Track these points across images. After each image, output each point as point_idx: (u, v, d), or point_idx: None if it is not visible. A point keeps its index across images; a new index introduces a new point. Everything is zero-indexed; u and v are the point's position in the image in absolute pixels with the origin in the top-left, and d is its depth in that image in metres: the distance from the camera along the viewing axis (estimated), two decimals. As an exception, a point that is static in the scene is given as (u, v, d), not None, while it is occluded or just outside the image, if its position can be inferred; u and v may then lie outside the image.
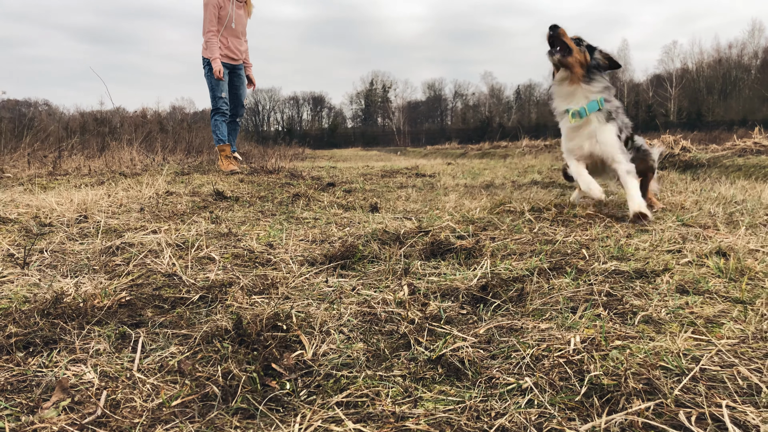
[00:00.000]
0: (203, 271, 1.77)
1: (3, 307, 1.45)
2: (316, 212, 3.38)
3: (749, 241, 2.31)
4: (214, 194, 3.80)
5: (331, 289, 1.64)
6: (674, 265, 1.76)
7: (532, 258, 1.94)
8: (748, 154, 13.18)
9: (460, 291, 1.55)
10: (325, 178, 6.51)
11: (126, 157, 9.76)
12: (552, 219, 2.78)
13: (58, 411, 0.92)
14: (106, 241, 2.31)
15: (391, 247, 2.21)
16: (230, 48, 6.08)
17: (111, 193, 3.84)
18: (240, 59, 6.22)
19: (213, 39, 5.93)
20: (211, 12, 5.87)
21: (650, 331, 1.22)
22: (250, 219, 3.05)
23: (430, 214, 3.30)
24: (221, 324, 1.22)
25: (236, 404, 0.93)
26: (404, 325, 1.27)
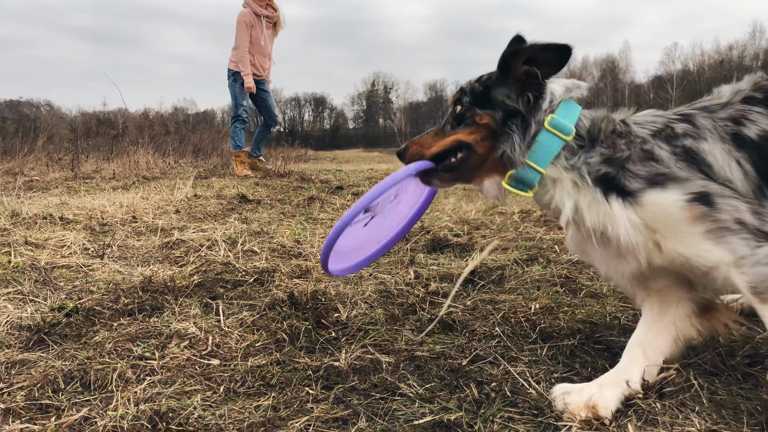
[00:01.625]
0: (251, 261, 2.22)
1: (104, 286, 1.91)
2: (331, 213, 3.83)
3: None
4: (238, 197, 4.26)
5: (353, 275, 2.09)
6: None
7: (514, 252, 2.40)
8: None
9: (455, 275, 2.00)
10: (333, 181, 6.97)
11: (142, 161, 10.22)
12: (536, 220, 3.23)
13: (180, 348, 1.37)
14: (162, 237, 2.76)
15: (399, 243, 2.66)
16: (256, 65, 6.51)
17: (147, 197, 4.30)
18: (263, 76, 6.68)
19: (246, 55, 6.31)
20: (244, 29, 6.26)
21: (592, 302, 1.67)
22: (275, 219, 3.51)
23: (432, 215, 3.75)
24: (278, 296, 1.68)
25: (300, 344, 1.38)
26: (412, 297, 1.72)
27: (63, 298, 1.77)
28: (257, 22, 6.38)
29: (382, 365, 1.25)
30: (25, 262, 2.16)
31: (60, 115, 33.31)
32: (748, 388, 1.11)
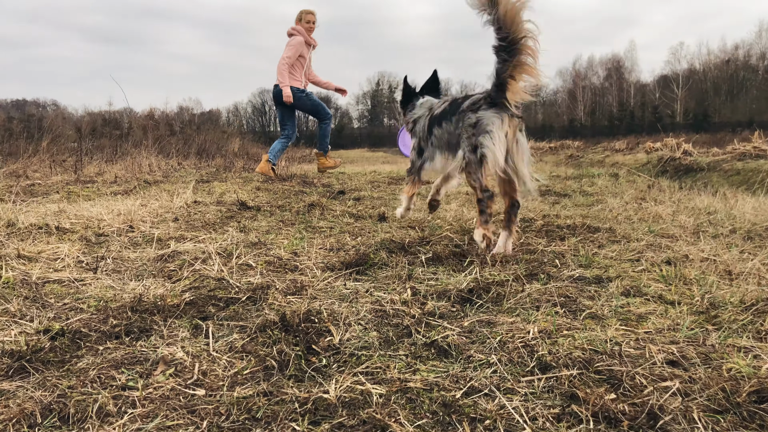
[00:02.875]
0: (245, 276, 2.18)
1: (95, 304, 1.87)
2: (330, 221, 3.79)
3: (703, 250, 2.70)
4: (238, 204, 4.22)
5: (348, 291, 2.05)
6: (628, 273, 2.16)
7: (514, 265, 2.35)
8: (747, 158, 13.51)
9: (452, 293, 1.95)
10: (335, 185, 6.93)
11: (145, 163, 10.20)
12: (538, 230, 3.18)
13: (165, 376, 1.33)
14: (158, 249, 2.72)
15: (398, 256, 2.62)
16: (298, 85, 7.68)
17: (146, 204, 4.26)
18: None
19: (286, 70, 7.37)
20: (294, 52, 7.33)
21: (593, 324, 1.62)
22: (274, 228, 3.47)
23: (432, 224, 3.70)
24: (270, 317, 1.63)
25: (290, 372, 1.34)
26: (407, 319, 1.68)
27: (51, 318, 1.73)
28: (305, 51, 7.53)
29: (372, 398, 1.20)
30: (17, 277, 2.13)
31: (64, 116, 33.35)
32: (755, 428, 1.06)
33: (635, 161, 17.49)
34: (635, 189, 5.89)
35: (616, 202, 4.77)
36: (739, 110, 55.94)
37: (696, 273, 2.08)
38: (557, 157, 22.30)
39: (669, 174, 14.56)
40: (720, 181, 12.61)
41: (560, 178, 7.48)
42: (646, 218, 3.70)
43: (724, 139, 24.78)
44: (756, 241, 3.03)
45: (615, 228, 3.22)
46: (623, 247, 2.68)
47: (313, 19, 7.53)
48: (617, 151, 20.26)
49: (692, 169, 13.53)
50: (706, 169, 13.15)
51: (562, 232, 3.08)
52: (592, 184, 6.59)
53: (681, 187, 6.10)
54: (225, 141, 23.08)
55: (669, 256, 2.49)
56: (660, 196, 5.20)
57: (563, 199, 5.25)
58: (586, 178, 7.33)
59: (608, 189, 6.08)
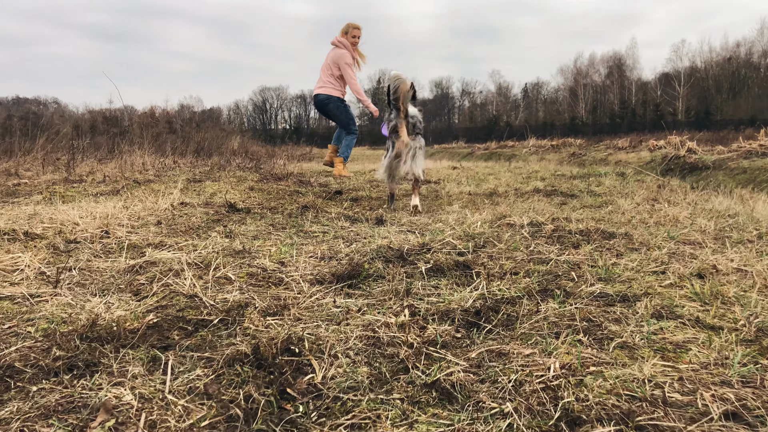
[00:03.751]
0: (222, 292, 1.93)
1: (44, 327, 1.61)
2: (324, 225, 3.54)
3: (733, 259, 2.44)
4: (226, 206, 3.96)
5: (338, 310, 1.79)
6: (655, 289, 1.90)
7: (525, 278, 2.09)
8: (753, 156, 13.23)
9: (456, 313, 1.70)
10: (332, 184, 6.67)
11: (138, 162, 9.95)
12: (548, 235, 2.92)
13: (104, 430, 1.07)
14: (130, 258, 2.47)
15: (395, 266, 2.36)
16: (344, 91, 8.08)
17: (128, 206, 4.01)
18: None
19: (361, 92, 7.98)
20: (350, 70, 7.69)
21: (624, 356, 1.36)
22: (262, 233, 3.21)
23: (434, 227, 3.45)
24: (241, 348, 1.38)
25: (257, 425, 1.09)
26: (404, 349, 1.42)
27: (-13, 346, 1.47)
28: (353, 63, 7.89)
29: (357, 465, 0.95)
30: (-37, 294, 1.87)
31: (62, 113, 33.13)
32: None
33: (639, 159, 17.25)
34: (645, 189, 5.63)
35: (627, 203, 4.52)
36: (741, 108, 55.64)
37: (734, 289, 1.82)
38: (559, 155, 22.05)
39: (674, 172, 14.29)
40: (726, 180, 12.35)
41: (565, 177, 7.22)
42: (663, 222, 3.44)
43: (728, 136, 24.52)
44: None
45: (631, 233, 2.97)
46: (644, 257, 2.42)
47: (359, 34, 7.84)
48: (620, 149, 20.00)
49: (697, 167, 13.27)
50: (711, 167, 12.88)
51: (575, 239, 2.83)
52: (599, 184, 6.33)
53: (693, 187, 5.85)
54: (224, 139, 22.81)
55: (697, 267, 2.23)
56: (673, 197, 4.95)
57: (571, 200, 4.99)
58: (592, 177, 7.07)
59: (616, 189, 5.83)
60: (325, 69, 7.82)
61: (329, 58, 7.76)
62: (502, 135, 35.17)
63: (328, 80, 7.78)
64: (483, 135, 47.31)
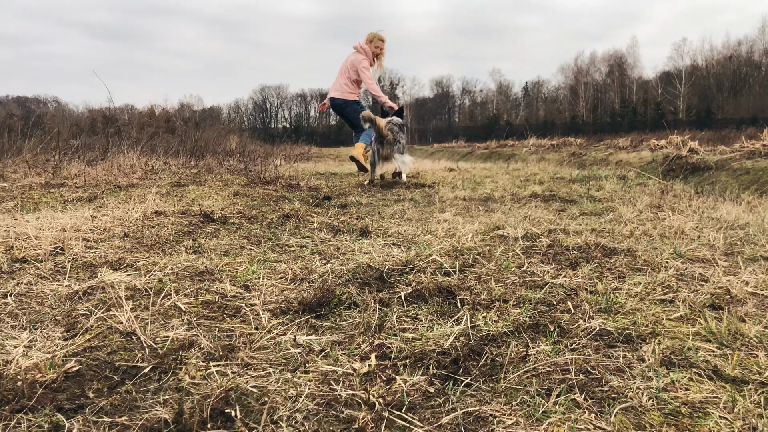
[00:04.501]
0: (165, 328, 1.68)
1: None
2: (304, 237, 3.29)
3: (748, 282, 2.20)
4: (201, 216, 3.71)
5: (297, 351, 1.55)
6: (663, 324, 1.66)
7: (515, 309, 1.84)
8: (756, 156, 12.98)
9: (432, 359, 1.45)
10: (323, 188, 6.43)
11: (126, 164, 9.71)
12: (543, 252, 2.67)
13: None
14: (79, 281, 2.22)
15: (372, 290, 2.12)
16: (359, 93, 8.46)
17: (97, 215, 3.76)
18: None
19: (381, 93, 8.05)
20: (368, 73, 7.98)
21: (629, 424, 1.12)
22: (234, 247, 2.97)
23: (422, 240, 3.21)
24: (161, 415, 1.13)
25: None
26: (363, 412, 1.17)
27: None
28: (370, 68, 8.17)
29: None
30: None
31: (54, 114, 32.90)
32: None
33: (640, 159, 17.01)
34: (648, 194, 5.38)
35: (629, 210, 4.27)
36: (742, 106, 55.42)
37: (755, 328, 1.57)
38: (560, 154, 21.83)
39: (676, 173, 14.05)
40: (730, 181, 12.11)
41: (564, 180, 6.97)
42: (668, 234, 3.19)
43: (729, 135, 24.30)
44: (804, 265, 2.53)
45: (634, 249, 2.72)
46: (649, 279, 2.17)
47: (382, 46, 8.17)
48: (621, 148, 19.74)
49: (699, 167, 13.01)
50: (714, 168, 12.62)
51: (573, 256, 2.58)
52: (599, 188, 6.08)
53: (697, 192, 5.60)
54: (222, 138, 22.53)
55: (710, 294, 1.98)
56: (677, 203, 4.70)
57: (570, 207, 4.75)
58: (592, 180, 6.82)
59: (618, 194, 5.58)
60: (343, 72, 8.08)
61: (348, 62, 8.01)
62: (502, 134, 34.97)
63: (345, 84, 8.09)
64: (483, 134, 47.12)
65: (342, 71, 8.12)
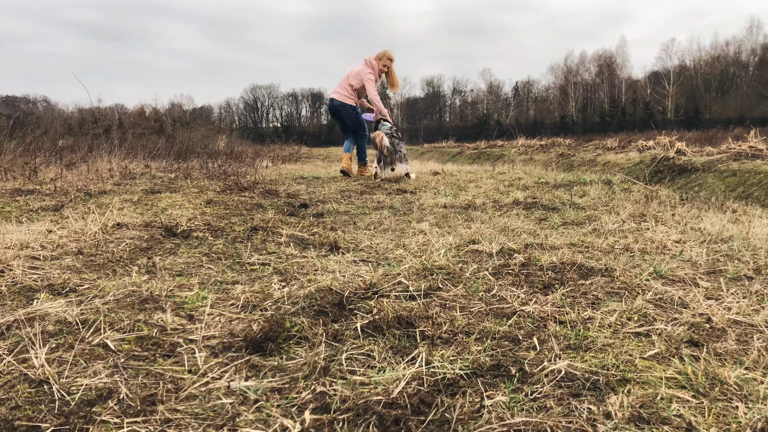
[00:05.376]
0: (85, 374, 1.51)
1: None
2: (269, 253, 3.13)
3: (730, 307, 2.06)
4: (162, 230, 3.53)
5: (229, 402, 1.38)
6: (635, 365, 1.51)
7: (476, 345, 1.69)
8: (742, 158, 12.94)
9: (376, 412, 1.29)
10: (302, 194, 6.26)
11: (104, 168, 9.50)
12: (516, 272, 2.52)
13: None
14: (11, 308, 2.05)
15: (325, 322, 1.96)
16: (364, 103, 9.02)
17: (54, 228, 3.58)
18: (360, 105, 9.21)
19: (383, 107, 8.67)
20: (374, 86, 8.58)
21: (586, 504, 0.96)
22: (191, 266, 2.80)
23: (393, 255, 3.05)
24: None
25: None
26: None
27: None
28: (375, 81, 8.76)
29: None
30: None
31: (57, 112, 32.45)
32: None
33: (628, 160, 16.95)
34: (632, 202, 5.26)
35: (612, 220, 4.14)
36: (729, 106, 55.74)
37: (735, 373, 1.43)
38: (548, 155, 21.76)
39: (663, 174, 13.99)
40: (716, 183, 12.04)
41: (549, 185, 6.84)
42: (649, 249, 3.05)
43: (717, 136, 24.37)
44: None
45: (613, 268, 2.58)
46: (625, 307, 2.03)
47: (390, 65, 8.78)
48: (609, 149, 19.69)
49: (687, 169, 12.95)
50: (701, 169, 12.56)
51: (547, 277, 2.43)
52: (583, 194, 5.96)
53: (682, 199, 5.48)
54: (210, 139, 22.24)
55: (689, 324, 1.84)
56: (661, 211, 4.57)
57: (551, 215, 4.61)
58: (577, 186, 6.69)
59: (602, 200, 5.45)
60: (346, 78, 8.68)
61: (355, 71, 8.63)
62: (491, 134, 34.90)
63: (346, 88, 8.66)
64: (473, 134, 47.10)
65: (346, 77, 8.66)
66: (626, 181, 7.47)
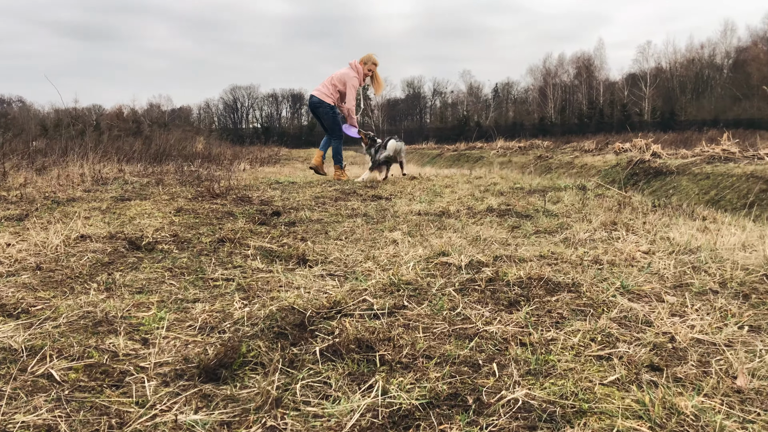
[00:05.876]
0: (24, 410, 1.44)
1: None
2: (235, 267, 3.06)
3: (693, 325, 2.05)
4: (126, 243, 3.45)
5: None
6: (594, 392, 1.48)
7: (436, 372, 1.65)
8: (716, 161, 13.16)
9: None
10: (276, 201, 6.19)
11: (76, 172, 9.32)
12: (482, 288, 2.49)
13: None
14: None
15: (283, 346, 1.91)
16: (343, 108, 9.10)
17: (14, 241, 3.47)
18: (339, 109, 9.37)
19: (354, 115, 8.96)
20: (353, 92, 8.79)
21: None
22: (153, 282, 2.72)
23: (361, 269, 3.01)
24: None
25: None
26: None
27: None
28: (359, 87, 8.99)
29: None
30: None
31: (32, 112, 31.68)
32: None
33: (605, 163, 17.10)
34: (605, 209, 5.27)
35: (583, 229, 4.14)
36: (704, 108, 56.68)
37: (692, 402, 1.40)
38: (526, 157, 21.87)
39: (639, 177, 14.15)
40: (690, 186, 12.20)
41: (523, 191, 6.85)
42: (617, 261, 3.05)
43: (692, 138, 24.76)
44: (753, 300, 2.40)
45: (580, 283, 2.56)
46: (589, 327, 2.01)
47: (375, 69, 8.99)
48: (586, 151, 19.86)
49: (662, 172, 13.12)
50: (675, 172, 12.73)
51: (513, 293, 2.40)
52: (557, 200, 5.97)
53: (655, 206, 5.51)
54: (188, 141, 21.93)
55: (652, 345, 1.83)
56: (632, 219, 4.59)
57: (524, 222, 4.61)
58: (551, 192, 6.71)
59: (575, 207, 5.47)
60: (330, 79, 8.80)
61: (339, 73, 8.79)
62: (471, 135, 35.01)
63: (327, 88, 8.78)
64: (454, 135, 47.21)
65: (329, 78, 8.81)
66: (601, 186, 7.52)
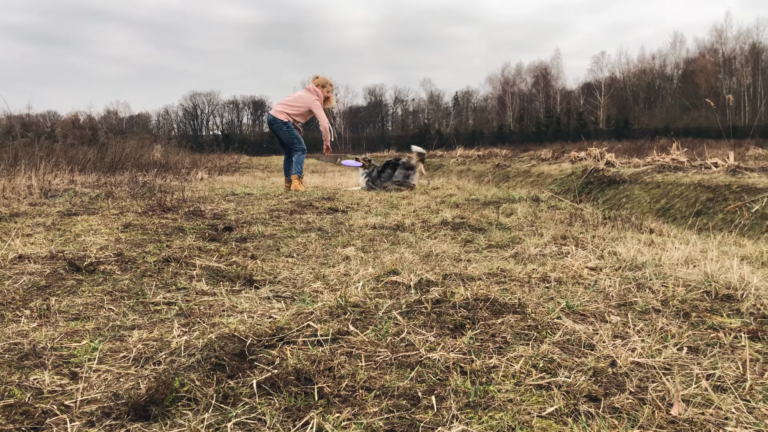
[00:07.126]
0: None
1: None
2: (178, 289, 2.98)
3: (634, 348, 2.08)
4: (66, 264, 3.32)
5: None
6: (532, 428, 1.47)
7: (374, 405, 1.62)
8: (666, 170, 13.55)
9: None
10: (229, 214, 6.07)
11: (24, 184, 8.99)
12: (428, 311, 2.47)
13: None
14: None
15: (222, 376, 1.84)
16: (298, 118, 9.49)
17: (-56, 263, 3.30)
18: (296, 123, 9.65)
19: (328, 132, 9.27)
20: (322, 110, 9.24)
21: None
22: (90, 308, 2.62)
23: (310, 289, 2.96)
24: None
25: None
26: None
27: None
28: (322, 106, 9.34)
29: None
30: None
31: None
32: None
33: (561, 171, 17.41)
34: (556, 221, 5.35)
35: (534, 243, 4.18)
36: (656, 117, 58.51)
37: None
38: (485, 165, 22.10)
39: (594, 185, 14.45)
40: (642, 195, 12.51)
41: (478, 203, 6.90)
42: (564, 279, 3.08)
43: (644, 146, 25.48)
44: (693, 319, 2.45)
45: (526, 303, 2.57)
46: (531, 352, 2.01)
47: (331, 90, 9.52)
48: (543, 160, 20.21)
49: (615, 181, 13.44)
50: (628, 181, 13.06)
51: (459, 316, 2.39)
52: (511, 213, 6.03)
53: (606, 218, 5.62)
54: (146, 149, 21.40)
55: (592, 371, 1.83)
56: (582, 232, 4.67)
57: (478, 236, 4.63)
58: (506, 203, 6.78)
59: (528, 220, 5.53)
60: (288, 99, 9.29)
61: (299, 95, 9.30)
62: (432, 143, 35.24)
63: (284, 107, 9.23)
64: (415, 143, 47.45)
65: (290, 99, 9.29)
66: (554, 197, 7.63)
